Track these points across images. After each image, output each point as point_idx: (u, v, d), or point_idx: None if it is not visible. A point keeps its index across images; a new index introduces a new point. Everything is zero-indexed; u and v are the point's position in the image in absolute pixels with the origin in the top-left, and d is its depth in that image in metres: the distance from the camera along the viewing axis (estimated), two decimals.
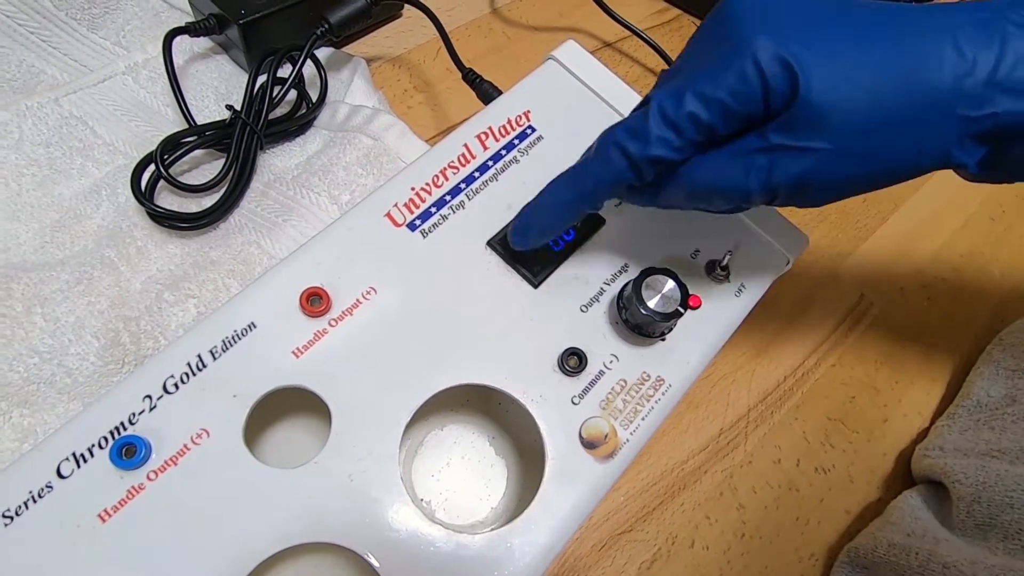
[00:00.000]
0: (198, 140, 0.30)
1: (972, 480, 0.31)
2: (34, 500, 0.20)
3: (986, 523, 0.30)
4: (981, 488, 0.30)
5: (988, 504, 0.30)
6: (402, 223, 0.25)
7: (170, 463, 0.21)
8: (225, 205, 0.29)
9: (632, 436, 0.24)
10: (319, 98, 0.34)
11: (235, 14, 0.33)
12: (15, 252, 0.28)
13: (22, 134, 0.30)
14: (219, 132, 0.31)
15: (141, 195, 0.28)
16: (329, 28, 0.33)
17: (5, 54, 0.32)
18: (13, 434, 0.25)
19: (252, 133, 0.31)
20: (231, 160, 0.30)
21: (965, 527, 0.30)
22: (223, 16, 0.33)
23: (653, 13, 0.50)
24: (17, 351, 0.25)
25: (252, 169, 0.31)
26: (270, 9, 0.34)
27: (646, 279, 0.24)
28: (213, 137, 0.31)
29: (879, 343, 0.40)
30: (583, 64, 0.30)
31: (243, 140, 0.30)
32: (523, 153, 0.28)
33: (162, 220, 0.29)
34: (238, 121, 0.30)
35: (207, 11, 0.34)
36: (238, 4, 0.33)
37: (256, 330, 0.23)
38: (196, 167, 0.32)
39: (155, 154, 0.28)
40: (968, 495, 0.31)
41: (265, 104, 0.31)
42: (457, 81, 0.36)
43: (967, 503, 0.30)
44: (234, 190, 0.30)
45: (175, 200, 0.30)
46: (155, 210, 0.28)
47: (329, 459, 0.22)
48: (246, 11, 0.33)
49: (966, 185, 0.48)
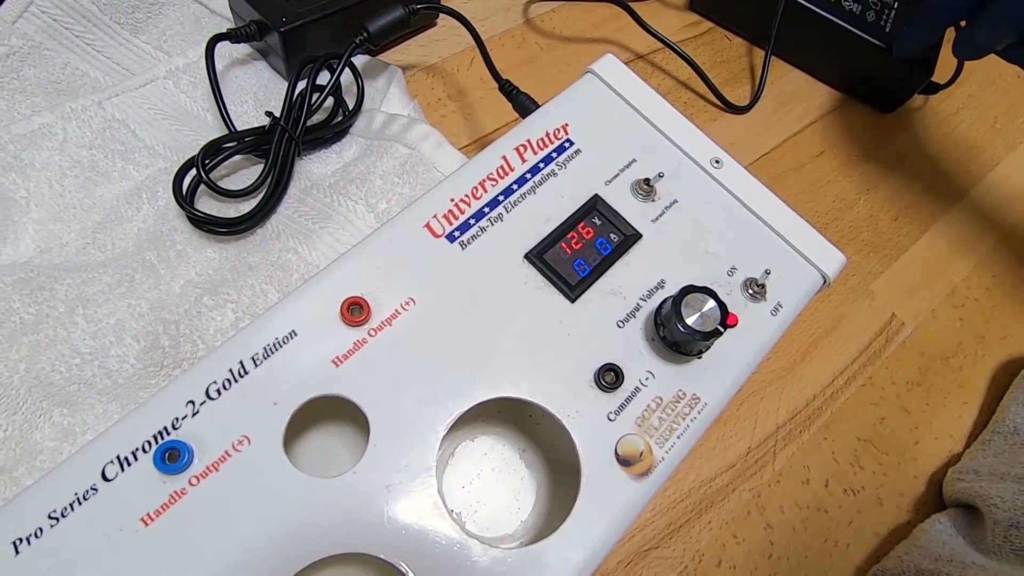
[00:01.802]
0: (238, 146, 0.31)
1: (1010, 504, 0.30)
2: (79, 502, 0.20)
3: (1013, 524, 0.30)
4: (1019, 513, 0.30)
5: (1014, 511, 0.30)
6: (441, 234, 0.25)
7: (212, 469, 0.21)
8: (263, 211, 0.30)
9: (667, 454, 0.24)
10: (356, 106, 0.34)
11: (276, 22, 0.33)
12: (58, 253, 0.28)
13: (66, 136, 0.30)
14: (258, 138, 0.31)
15: (182, 199, 0.28)
16: (368, 37, 0.33)
17: (50, 57, 0.33)
18: (53, 434, 0.25)
19: (290, 139, 0.31)
20: (270, 166, 0.30)
21: (1002, 551, 0.30)
22: (264, 23, 0.33)
23: (686, 26, 0.50)
24: (60, 351, 0.25)
25: (290, 175, 0.31)
26: (310, 17, 0.34)
27: (686, 297, 0.24)
28: (252, 143, 0.31)
29: (910, 364, 0.39)
30: (622, 78, 0.30)
31: (281, 146, 0.31)
32: (561, 167, 0.28)
33: (201, 225, 0.29)
34: (277, 127, 0.31)
35: (248, 18, 0.34)
36: (279, 11, 0.33)
37: (297, 338, 0.23)
38: (234, 172, 0.32)
39: (196, 159, 0.28)
40: (1005, 519, 0.30)
41: (303, 111, 0.31)
42: (490, 91, 0.37)
43: (1004, 528, 0.30)
44: (272, 195, 0.30)
45: (213, 204, 0.31)
46: (195, 214, 0.28)
47: (367, 470, 0.22)
48: (287, 19, 0.33)
49: (999, 206, 0.47)
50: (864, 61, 0.47)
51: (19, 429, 0.24)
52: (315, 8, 0.34)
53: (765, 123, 0.46)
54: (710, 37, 0.50)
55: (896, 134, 0.49)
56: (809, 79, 0.50)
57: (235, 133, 0.31)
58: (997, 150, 0.50)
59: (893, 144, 0.48)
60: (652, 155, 0.29)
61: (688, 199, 0.28)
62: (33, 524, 0.19)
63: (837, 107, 0.49)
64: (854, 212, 0.44)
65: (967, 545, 0.31)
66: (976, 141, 0.50)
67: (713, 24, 0.50)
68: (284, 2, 0.34)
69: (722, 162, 0.29)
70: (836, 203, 0.44)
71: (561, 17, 0.47)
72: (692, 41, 0.49)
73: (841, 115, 0.49)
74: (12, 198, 0.28)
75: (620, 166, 0.28)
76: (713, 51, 0.49)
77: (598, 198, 0.27)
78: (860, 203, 0.45)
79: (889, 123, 0.49)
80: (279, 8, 0.34)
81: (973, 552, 0.31)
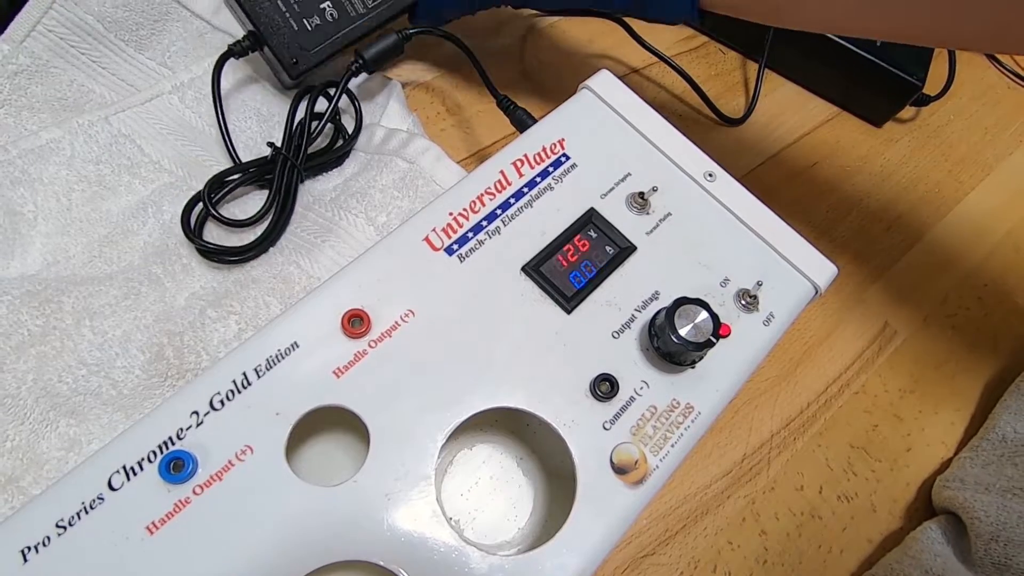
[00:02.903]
0: (242, 177, 0.31)
1: (992, 519, 0.31)
2: (86, 511, 0.20)
3: (1003, 563, 0.30)
4: (1000, 527, 0.30)
5: (1006, 544, 0.30)
6: (440, 247, 0.26)
7: (215, 478, 0.21)
8: (269, 238, 0.30)
9: (662, 462, 0.25)
10: (355, 130, 0.35)
11: (287, 62, 0.33)
12: (65, 266, 0.29)
13: (73, 151, 0.31)
14: (261, 168, 0.32)
15: (190, 232, 0.29)
16: (363, 64, 0.34)
17: (57, 74, 0.34)
18: (59, 443, 0.25)
19: (292, 168, 0.31)
20: (273, 194, 0.31)
21: (983, 564, 0.30)
22: (259, 35, 0.33)
23: (681, 40, 0.50)
24: (67, 363, 0.25)
25: (294, 201, 0.32)
26: (323, 58, 0.34)
27: (679, 308, 0.25)
28: (256, 173, 0.32)
29: (903, 372, 0.40)
30: (617, 93, 0.31)
31: (284, 175, 0.31)
32: (557, 180, 0.28)
33: (211, 256, 0.30)
34: (279, 157, 0.31)
35: (246, 27, 0.34)
36: (288, 47, 0.34)
37: (299, 350, 0.23)
38: (238, 198, 0.33)
39: (203, 193, 0.29)
40: (987, 533, 0.31)
41: (304, 139, 0.32)
42: (488, 104, 0.37)
43: (985, 541, 0.30)
44: (277, 223, 0.31)
45: (219, 230, 0.31)
46: (205, 246, 0.29)
47: (367, 478, 0.22)
48: (299, 62, 0.34)
49: (990, 216, 0.48)
50: (855, 74, 0.48)
51: (26, 439, 0.25)
52: (328, 45, 0.34)
53: (759, 135, 0.47)
54: (704, 51, 0.51)
55: (888, 145, 0.50)
56: (802, 92, 0.51)
57: (239, 165, 0.32)
58: (988, 160, 0.51)
59: (885, 155, 0.49)
60: (646, 169, 0.29)
61: (682, 212, 0.29)
62: (41, 533, 0.20)
63: (830, 119, 0.50)
64: (847, 222, 0.45)
65: (955, 557, 0.32)
66: (967, 152, 0.51)
67: (707, 38, 0.51)
68: (293, 32, 0.34)
69: (715, 175, 0.30)
70: (829, 214, 0.45)
71: (559, 32, 0.48)
72: (687, 55, 0.50)
73: (834, 127, 0.50)
74: (20, 212, 0.29)
75: (615, 180, 0.29)
76: (707, 64, 0.50)
77: (594, 211, 0.28)
78: (853, 214, 0.46)
79: (881, 135, 0.50)
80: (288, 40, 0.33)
81: (961, 566, 0.31)
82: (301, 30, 0.34)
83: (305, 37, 0.34)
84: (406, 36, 0.35)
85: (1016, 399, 0.36)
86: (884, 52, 0.47)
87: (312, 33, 0.34)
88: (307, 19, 0.33)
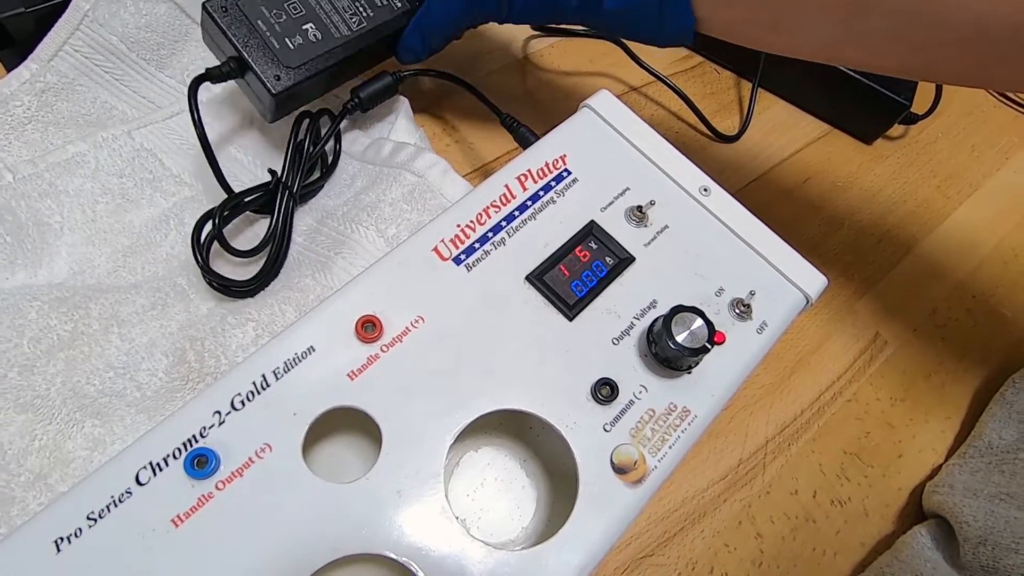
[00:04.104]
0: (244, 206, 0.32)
1: (981, 524, 0.32)
2: (115, 504, 0.22)
3: (991, 566, 0.31)
4: (988, 532, 0.31)
5: (994, 548, 0.31)
6: (448, 257, 0.27)
7: (236, 474, 0.23)
8: (273, 271, 0.31)
9: (660, 463, 0.26)
10: (332, 164, 0.36)
11: (269, 79, 0.32)
12: (90, 275, 0.30)
13: (98, 164, 0.32)
14: (260, 196, 0.33)
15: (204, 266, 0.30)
16: (359, 103, 0.36)
17: (82, 92, 0.35)
18: (84, 443, 0.26)
19: (290, 196, 0.33)
20: (274, 223, 0.32)
21: (972, 568, 0.31)
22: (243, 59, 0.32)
23: (677, 60, 0.52)
24: (94, 366, 0.27)
25: (291, 228, 0.33)
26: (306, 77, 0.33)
27: (675, 316, 0.26)
28: (255, 201, 0.33)
29: (893, 381, 0.41)
30: (615, 112, 0.32)
31: (284, 203, 0.32)
32: (559, 194, 0.30)
33: (221, 291, 0.31)
34: (280, 185, 0.33)
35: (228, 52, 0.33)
36: (271, 64, 0.32)
37: (315, 353, 0.25)
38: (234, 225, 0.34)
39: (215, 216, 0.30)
40: (974, 537, 0.32)
41: (301, 167, 0.33)
42: (491, 121, 0.39)
43: (973, 544, 0.31)
44: (278, 256, 0.32)
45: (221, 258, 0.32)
46: (214, 284, 0.30)
47: (380, 476, 0.23)
48: (281, 77, 0.32)
49: (977, 230, 0.49)
50: (845, 93, 0.50)
51: (53, 439, 0.26)
52: (311, 65, 0.33)
53: (753, 151, 0.49)
54: (700, 70, 0.53)
55: (878, 162, 0.51)
56: (795, 110, 0.53)
57: (235, 195, 0.32)
58: (975, 177, 0.52)
59: (875, 171, 0.51)
60: (644, 184, 0.31)
61: (678, 225, 0.30)
62: (73, 524, 0.21)
63: (822, 136, 0.52)
64: (839, 236, 0.47)
65: (944, 561, 0.33)
66: (955, 168, 0.53)
67: (703, 58, 0.53)
68: (275, 50, 0.32)
69: (710, 190, 0.31)
70: (821, 227, 0.47)
71: (559, 52, 0.50)
72: (683, 74, 0.52)
73: (826, 144, 0.51)
74: (47, 223, 0.30)
75: (614, 194, 0.30)
76: (703, 83, 0.52)
77: (594, 224, 0.29)
78: (844, 228, 0.47)
79: (871, 152, 0.52)
80: (270, 59, 0.32)
81: (950, 569, 0.32)
82: (283, 48, 0.33)
83: (287, 55, 0.32)
84: (399, 78, 0.37)
85: (1001, 407, 0.38)
86: (872, 73, 0.49)
87: (294, 51, 0.33)
88: (289, 38, 0.33)
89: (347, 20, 0.34)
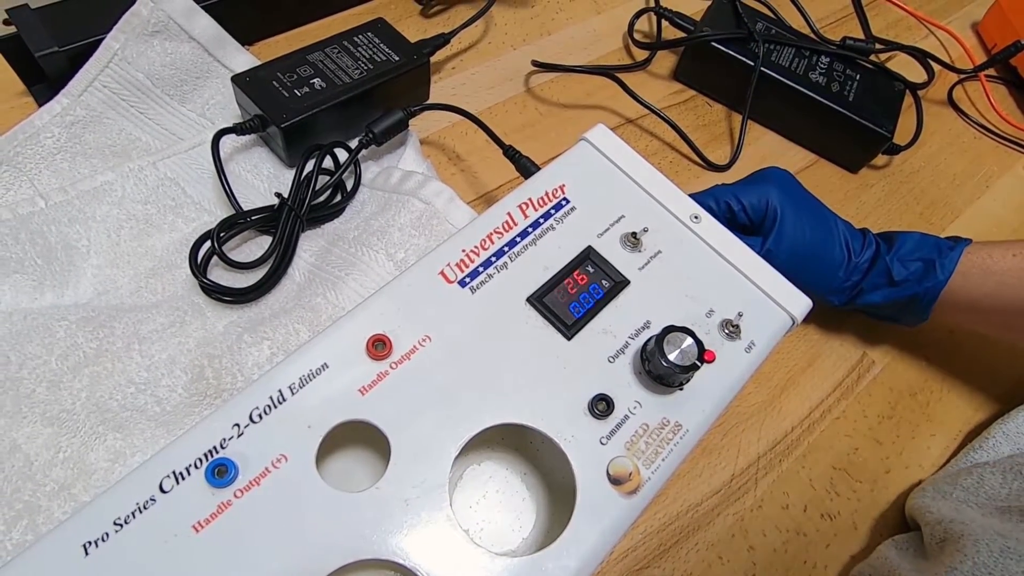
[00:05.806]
0: (248, 223, 0.34)
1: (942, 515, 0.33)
2: (140, 511, 0.23)
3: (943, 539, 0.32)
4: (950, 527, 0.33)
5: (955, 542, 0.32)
6: (454, 280, 0.29)
7: (254, 483, 0.24)
8: (269, 282, 0.33)
9: (653, 475, 0.27)
10: (353, 189, 0.39)
11: (278, 118, 0.37)
12: (113, 295, 0.32)
13: (124, 192, 0.34)
14: (266, 216, 0.35)
15: (196, 269, 0.32)
16: (373, 137, 0.39)
17: (109, 124, 0.38)
18: (106, 455, 0.28)
19: (296, 217, 0.35)
20: (276, 240, 0.34)
21: (931, 551, 0.32)
22: (265, 117, 0.37)
23: (671, 93, 0.55)
24: (117, 382, 0.28)
25: (295, 248, 0.35)
26: (309, 112, 0.38)
27: (667, 335, 0.27)
28: (260, 220, 0.35)
29: (880, 399, 0.42)
30: (611, 145, 0.34)
31: (288, 223, 0.34)
32: (559, 222, 0.32)
33: (211, 293, 0.32)
34: (284, 207, 0.35)
35: (252, 112, 0.38)
36: (280, 108, 0.37)
37: (328, 370, 0.26)
38: (245, 242, 0.36)
39: (213, 233, 0.32)
40: (933, 520, 0.33)
41: (309, 192, 0.35)
42: (494, 152, 0.41)
43: (931, 526, 0.33)
44: (278, 268, 0.34)
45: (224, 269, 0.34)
46: (206, 284, 0.32)
47: (388, 485, 0.25)
48: (287, 115, 0.37)
49: None
50: (830, 126, 0.52)
51: (77, 451, 0.27)
52: (313, 103, 0.38)
53: None
54: (693, 103, 0.55)
55: (863, 190, 0.54)
56: (783, 140, 0.55)
57: (243, 212, 0.35)
58: (957, 205, 0.55)
59: (860, 200, 0.53)
60: (638, 212, 0.33)
61: (670, 250, 0.32)
62: (100, 529, 0.22)
63: (809, 166, 0.54)
64: None
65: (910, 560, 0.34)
66: (937, 196, 0.55)
67: (695, 92, 0.56)
68: (285, 98, 0.38)
69: (700, 217, 0.33)
70: None
71: (558, 86, 0.52)
72: (676, 107, 0.54)
73: (813, 173, 0.54)
74: (75, 246, 0.32)
75: (610, 221, 0.32)
76: (696, 116, 0.54)
77: (591, 249, 0.31)
78: None
79: (856, 180, 0.54)
80: (280, 105, 0.38)
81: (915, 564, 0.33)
82: (291, 96, 0.38)
83: (294, 101, 0.38)
84: (411, 113, 0.40)
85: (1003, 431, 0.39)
86: (855, 106, 0.51)
87: (301, 98, 0.38)
88: (297, 90, 0.39)
89: (349, 73, 0.40)
